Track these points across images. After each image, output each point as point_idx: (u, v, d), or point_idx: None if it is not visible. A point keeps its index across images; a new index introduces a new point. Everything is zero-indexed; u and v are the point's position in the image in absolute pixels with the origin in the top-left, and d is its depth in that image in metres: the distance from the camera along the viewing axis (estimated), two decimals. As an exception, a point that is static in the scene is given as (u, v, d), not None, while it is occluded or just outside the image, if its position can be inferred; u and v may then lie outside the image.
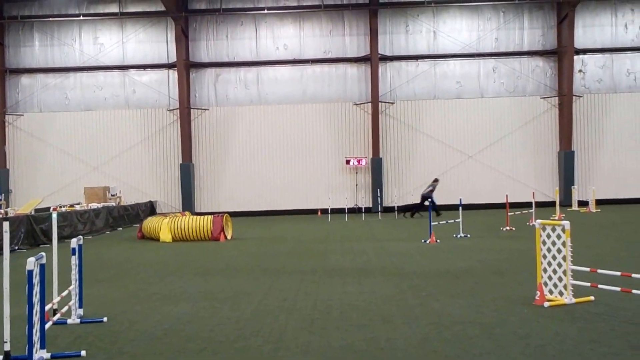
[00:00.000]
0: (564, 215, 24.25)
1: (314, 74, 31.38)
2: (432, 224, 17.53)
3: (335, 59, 31.27)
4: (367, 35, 30.90)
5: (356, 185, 30.98)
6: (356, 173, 30.98)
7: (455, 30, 31.19)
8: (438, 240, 16.93)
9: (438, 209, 25.90)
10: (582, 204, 28.38)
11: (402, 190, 30.43)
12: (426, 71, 31.12)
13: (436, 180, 27.40)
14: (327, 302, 9.34)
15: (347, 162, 30.66)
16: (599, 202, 28.12)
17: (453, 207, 19.41)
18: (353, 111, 31.12)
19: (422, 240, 17.13)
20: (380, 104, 30.71)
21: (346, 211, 27.77)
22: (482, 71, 31.20)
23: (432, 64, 31.13)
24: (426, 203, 25.58)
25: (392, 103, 30.99)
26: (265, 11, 31.03)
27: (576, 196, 28.73)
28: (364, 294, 9.91)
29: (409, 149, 31.10)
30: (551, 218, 22.28)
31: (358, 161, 30.57)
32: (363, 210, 28.82)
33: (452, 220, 18.89)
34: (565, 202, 29.04)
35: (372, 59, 30.51)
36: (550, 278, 8.84)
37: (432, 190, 26.60)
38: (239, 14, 31.28)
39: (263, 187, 31.02)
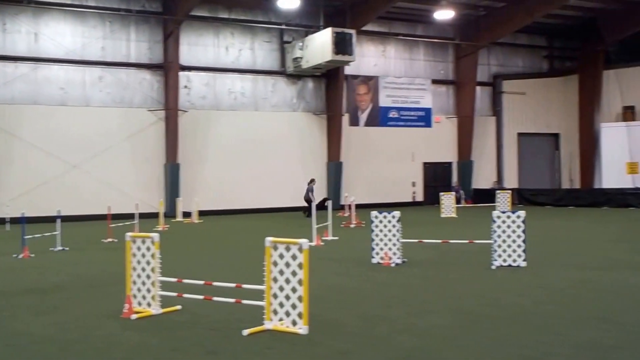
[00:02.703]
0: (168, 226, 24.77)
1: None
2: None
3: None
4: (-44, 30, 27.87)
5: (-57, 195, 27.65)
6: (-57, 182, 27.65)
7: (59, 34, 29.69)
8: (32, 255, 15.87)
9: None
10: (187, 215, 29.26)
11: (-4, 201, 27.95)
12: (26, 74, 29.07)
13: (312, 181, 28.74)
14: None
15: None
16: (203, 213, 29.23)
17: (53, 219, 18.38)
18: (-60, 113, 27.72)
19: (14, 255, 15.88)
20: (-27, 106, 27.88)
21: None
22: (87, 79, 30.25)
23: (34, 67, 29.19)
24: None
25: (-12, 106, 28.39)
26: None
27: (181, 207, 29.53)
28: None
29: (5, 157, 28.61)
30: (154, 229, 22.54)
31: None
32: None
33: (49, 233, 17.88)
34: (170, 213, 29.65)
35: (-36, 57, 27.62)
36: (139, 290, 8.81)
37: (310, 191, 28.14)
38: None
39: None
